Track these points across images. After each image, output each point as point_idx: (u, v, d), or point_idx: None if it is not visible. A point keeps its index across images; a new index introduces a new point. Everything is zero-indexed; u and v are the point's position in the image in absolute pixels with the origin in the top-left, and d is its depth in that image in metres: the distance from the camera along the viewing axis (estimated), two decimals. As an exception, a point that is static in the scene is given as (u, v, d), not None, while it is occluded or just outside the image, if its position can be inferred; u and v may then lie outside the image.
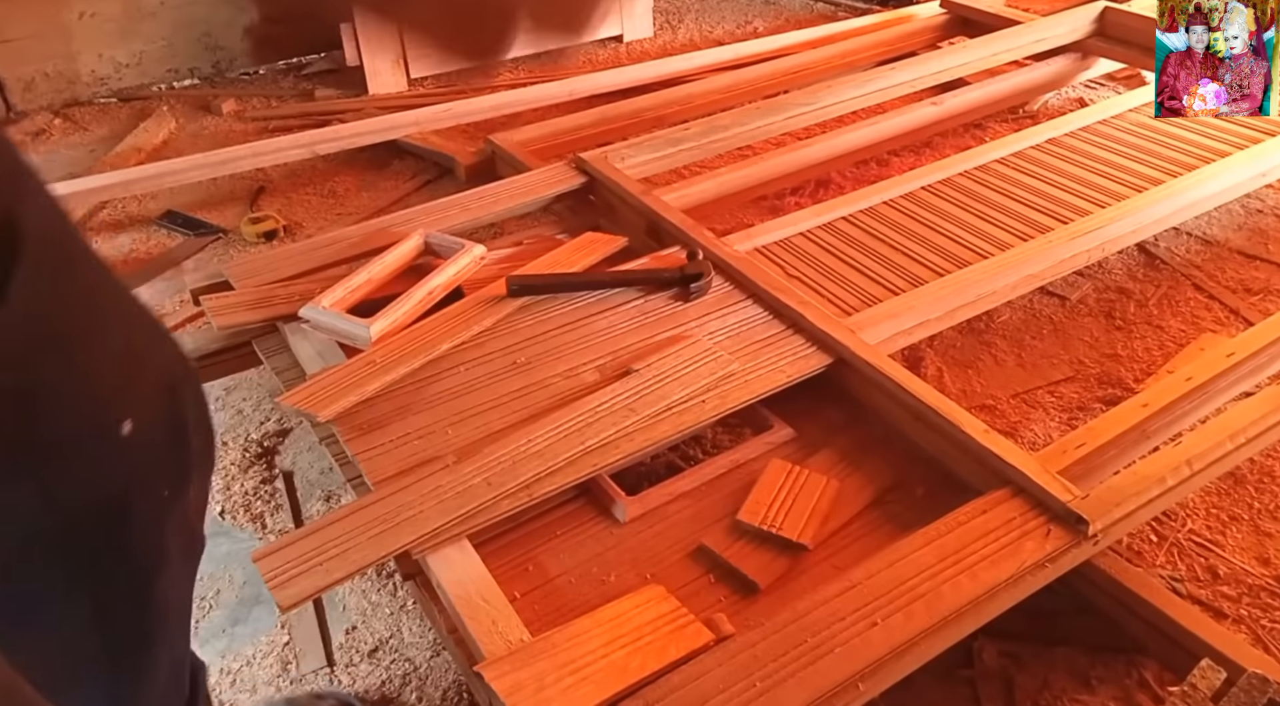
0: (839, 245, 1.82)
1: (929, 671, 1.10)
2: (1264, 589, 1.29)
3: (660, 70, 2.77)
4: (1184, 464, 1.22)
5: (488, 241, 1.83)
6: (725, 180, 2.05)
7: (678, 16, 3.46)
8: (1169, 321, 1.80)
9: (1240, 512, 1.41)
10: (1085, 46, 2.64)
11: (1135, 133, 2.18)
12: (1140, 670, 1.20)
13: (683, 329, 1.50)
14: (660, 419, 1.32)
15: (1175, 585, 1.30)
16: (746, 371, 1.41)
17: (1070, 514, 1.14)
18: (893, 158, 2.40)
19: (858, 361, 1.41)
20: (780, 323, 1.51)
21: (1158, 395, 1.40)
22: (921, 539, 1.14)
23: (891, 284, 1.70)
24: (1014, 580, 1.09)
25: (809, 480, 1.30)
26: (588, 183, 1.97)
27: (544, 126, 2.33)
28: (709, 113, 2.34)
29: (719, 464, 1.35)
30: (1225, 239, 2.03)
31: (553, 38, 3.10)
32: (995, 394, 1.65)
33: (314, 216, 2.28)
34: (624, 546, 1.24)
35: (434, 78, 2.96)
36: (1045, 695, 1.18)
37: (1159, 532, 1.38)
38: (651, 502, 1.30)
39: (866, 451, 1.37)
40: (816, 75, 2.67)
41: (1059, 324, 1.81)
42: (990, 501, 1.19)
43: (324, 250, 1.75)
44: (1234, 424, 1.28)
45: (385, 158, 2.49)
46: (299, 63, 3.08)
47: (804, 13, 3.48)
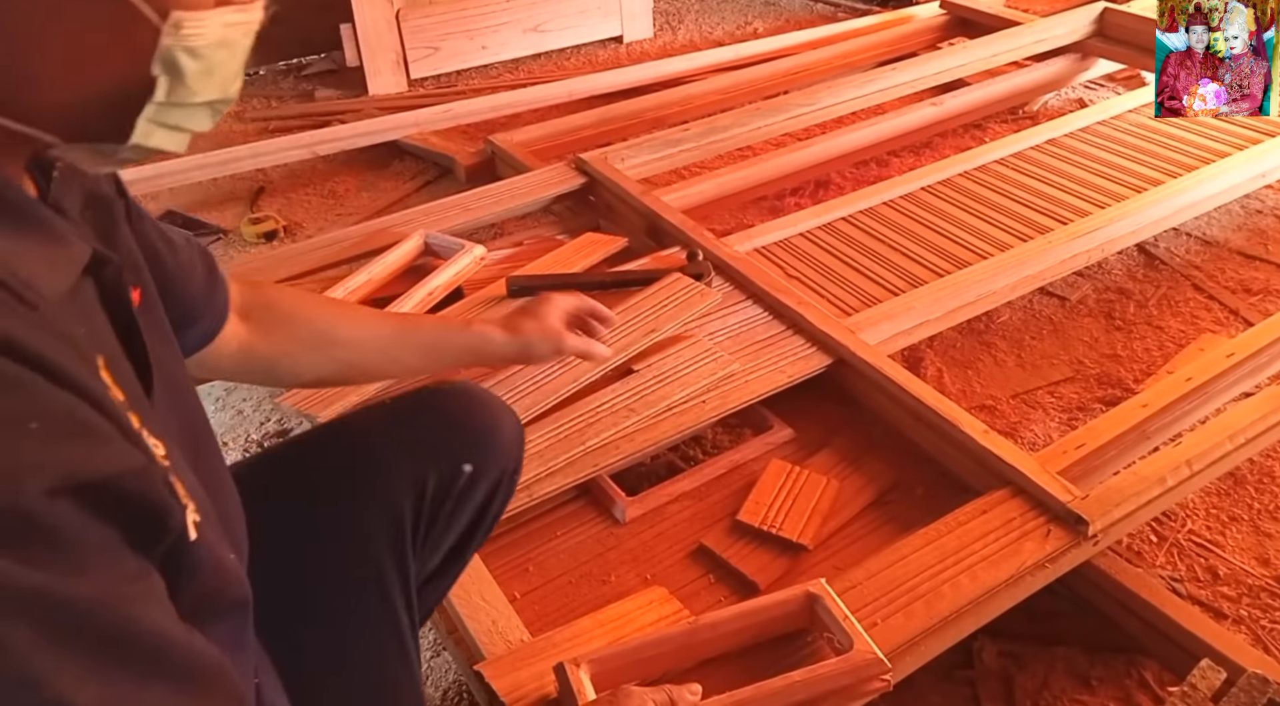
0: (839, 246, 1.82)
1: (929, 671, 1.10)
2: (1264, 589, 1.29)
3: (660, 71, 2.77)
4: (1184, 464, 1.22)
5: (488, 242, 1.83)
6: (725, 181, 2.05)
7: (678, 17, 3.46)
8: (1169, 322, 1.80)
9: (1240, 513, 1.41)
10: (1085, 47, 2.64)
11: (1135, 133, 2.18)
12: (1140, 670, 1.20)
13: (683, 329, 1.50)
14: (660, 419, 1.32)
15: (1175, 585, 1.30)
16: (746, 371, 1.41)
17: (1070, 514, 1.14)
18: (892, 158, 2.40)
19: (857, 362, 1.41)
20: (780, 323, 1.51)
21: (1158, 395, 1.40)
22: (921, 539, 1.14)
23: (891, 284, 1.70)
24: (1014, 580, 1.09)
25: (809, 480, 1.30)
26: (588, 183, 1.97)
27: (544, 127, 2.33)
28: (709, 113, 2.34)
29: (719, 464, 1.35)
30: (1225, 239, 2.03)
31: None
32: (995, 394, 1.65)
33: (314, 217, 2.28)
34: (624, 547, 1.24)
35: (434, 78, 2.96)
36: (1045, 695, 1.18)
37: (1159, 533, 1.38)
38: (651, 503, 1.30)
39: (866, 451, 1.37)
40: (816, 76, 2.67)
41: (1059, 324, 1.81)
42: (990, 501, 1.19)
43: (324, 251, 1.75)
44: (1234, 424, 1.28)
45: (385, 158, 2.49)
46: (299, 63, 3.08)
47: (804, 13, 3.48)
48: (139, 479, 0.44)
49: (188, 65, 0.47)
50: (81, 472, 0.40)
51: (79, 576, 0.40)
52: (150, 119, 0.48)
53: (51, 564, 0.39)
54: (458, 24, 2.94)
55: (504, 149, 2.20)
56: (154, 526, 0.45)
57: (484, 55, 3.01)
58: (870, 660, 0.93)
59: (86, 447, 0.41)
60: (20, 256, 0.45)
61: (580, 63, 3.11)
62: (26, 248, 0.46)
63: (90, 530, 0.41)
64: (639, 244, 1.81)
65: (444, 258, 1.71)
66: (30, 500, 0.38)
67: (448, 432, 0.84)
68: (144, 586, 0.44)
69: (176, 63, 0.47)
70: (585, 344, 1.02)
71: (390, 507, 0.78)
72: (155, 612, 0.44)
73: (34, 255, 0.46)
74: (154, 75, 0.47)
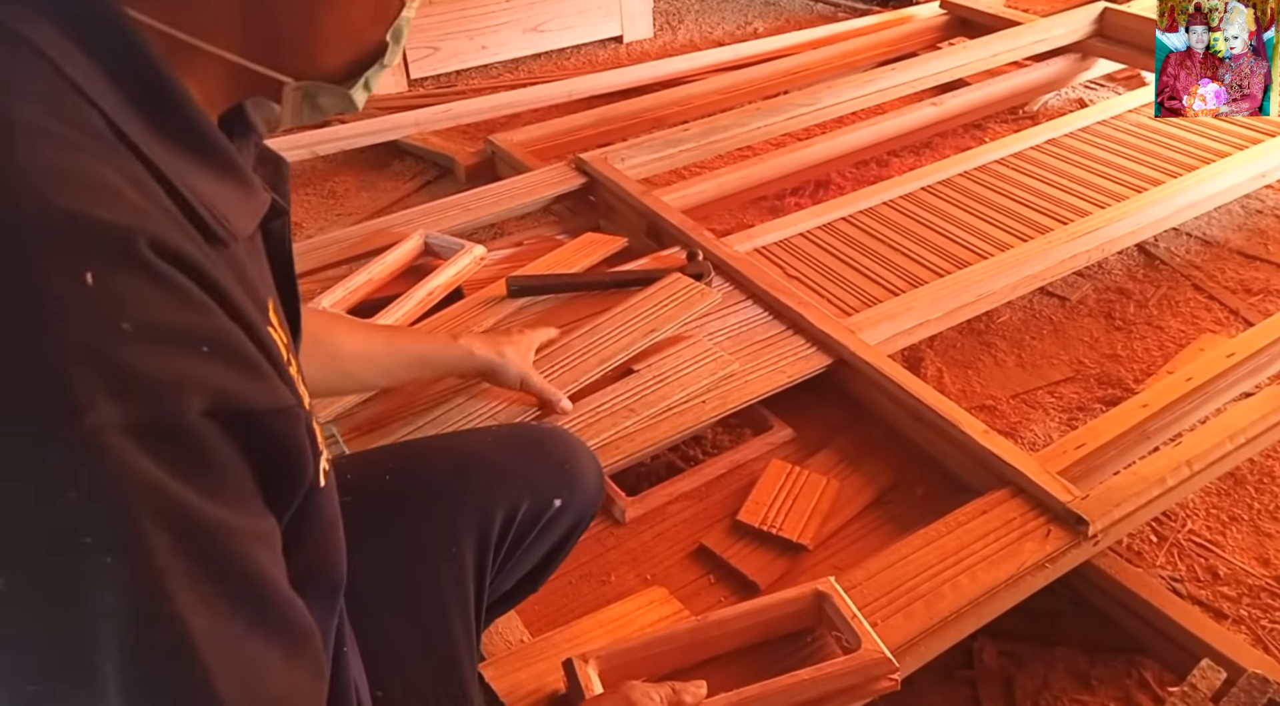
0: (839, 246, 1.82)
1: (929, 671, 1.10)
2: (1264, 589, 1.29)
3: (660, 71, 2.77)
4: (1184, 464, 1.22)
5: (488, 242, 1.83)
6: (725, 181, 2.05)
7: (678, 17, 3.46)
8: (1169, 322, 1.80)
9: (1240, 513, 1.41)
10: (1085, 47, 2.64)
11: (1135, 133, 2.18)
12: (1140, 670, 1.20)
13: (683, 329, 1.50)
14: (660, 419, 1.32)
15: (1175, 585, 1.30)
16: (746, 372, 1.41)
17: (1070, 514, 1.14)
18: (892, 158, 2.40)
19: (858, 362, 1.41)
20: (780, 323, 1.51)
21: (1158, 395, 1.40)
22: (921, 539, 1.14)
23: (891, 284, 1.70)
24: (1014, 580, 1.09)
25: (809, 480, 1.30)
26: (587, 183, 1.97)
27: (544, 127, 2.33)
28: (709, 113, 2.34)
29: (719, 464, 1.35)
30: (1225, 239, 2.03)
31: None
32: (995, 394, 1.65)
33: (314, 217, 2.28)
34: (624, 547, 1.24)
35: (434, 78, 2.96)
36: (1045, 695, 1.18)
37: (1159, 533, 1.38)
38: (651, 503, 1.30)
39: (866, 451, 1.37)
40: (816, 76, 2.67)
41: (1059, 324, 1.81)
42: (990, 502, 1.19)
43: (324, 250, 1.75)
44: (1234, 424, 1.28)
45: (385, 158, 2.49)
46: (299, 63, 3.08)
47: (804, 13, 3.48)
48: (287, 420, 0.45)
49: (403, 36, 0.55)
50: (237, 400, 0.42)
51: (219, 502, 0.41)
52: (367, 77, 0.56)
53: (199, 483, 0.40)
54: (458, 24, 2.93)
55: (504, 149, 2.20)
56: (291, 470, 0.47)
57: (484, 55, 3.01)
58: (878, 659, 0.93)
59: (247, 378, 0.43)
60: (220, 196, 0.47)
61: (580, 63, 3.10)
62: (225, 189, 0.48)
63: (233, 459, 0.42)
64: (639, 244, 1.81)
65: (444, 258, 1.70)
66: (191, 417, 0.40)
67: (546, 467, 0.90)
68: (265, 530, 0.45)
69: (401, 32, 0.55)
70: (549, 389, 1.18)
71: (482, 516, 0.83)
72: (269, 560, 0.45)
73: (231, 196, 0.49)
74: (386, 41, 0.55)
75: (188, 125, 0.47)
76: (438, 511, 0.82)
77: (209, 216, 0.46)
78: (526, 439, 0.94)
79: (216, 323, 0.42)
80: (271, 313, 0.50)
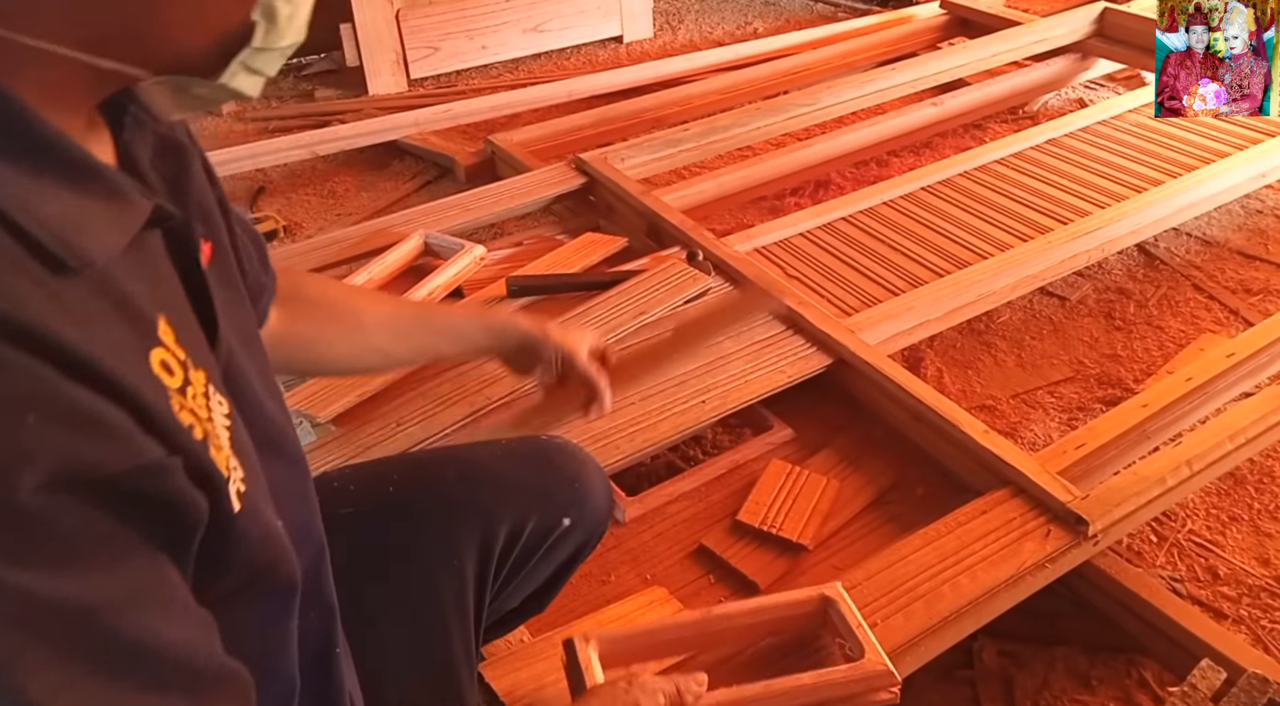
0: (839, 246, 1.82)
1: (929, 671, 1.10)
2: (1264, 589, 1.29)
3: (660, 71, 2.77)
4: (1184, 464, 1.22)
5: (488, 242, 1.83)
6: (725, 181, 2.05)
7: (678, 17, 3.46)
8: (1169, 322, 1.80)
9: (1240, 513, 1.41)
10: (1085, 47, 2.64)
11: (1135, 133, 2.18)
12: (1140, 670, 1.20)
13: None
14: (660, 419, 1.32)
15: (1175, 585, 1.30)
16: (746, 371, 1.41)
17: (1070, 514, 1.14)
18: (892, 158, 2.40)
19: (858, 362, 1.41)
20: (780, 323, 1.51)
21: (1158, 395, 1.40)
22: (921, 539, 1.14)
23: (891, 284, 1.70)
24: (1014, 580, 1.09)
25: (809, 480, 1.30)
26: (587, 183, 1.97)
27: (544, 127, 2.33)
28: (709, 113, 2.34)
29: (719, 464, 1.35)
30: (1225, 239, 2.03)
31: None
32: (995, 394, 1.65)
33: (314, 217, 2.28)
34: (624, 547, 1.24)
35: (434, 78, 2.96)
36: (1045, 695, 1.18)
37: (1159, 533, 1.38)
38: (651, 503, 1.30)
39: (866, 451, 1.37)
40: (816, 76, 2.67)
41: (1059, 324, 1.81)
42: (990, 502, 1.19)
43: (324, 250, 1.75)
44: (1234, 424, 1.28)
45: (385, 158, 2.49)
46: (299, 63, 3.08)
47: (804, 13, 3.48)
48: (154, 474, 0.42)
49: (281, 11, 0.48)
50: (82, 467, 0.38)
51: (69, 577, 0.38)
52: (241, 62, 0.49)
53: (40, 563, 0.37)
54: (458, 24, 2.93)
55: (504, 149, 2.20)
56: (172, 520, 0.43)
57: (484, 55, 3.01)
58: (881, 671, 0.93)
59: (91, 441, 0.39)
60: (72, 215, 0.42)
61: (580, 63, 3.10)
62: (82, 205, 0.43)
63: (90, 527, 0.39)
64: (639, 244, 1.81)
65: (444, 258, 1.70)
66: (22, 495, 0.36)
67: (557, 484, 0.88)
68: (149, 581, 0.42)
69: (274, 9, 0.48)
70: (598, 376, 0.97)
71: (485, 527, 0.81)
72: (154, 617, 0.42)
73: (90, 212, 0.44)
74: (252, 21, 0.48)
75: (23, 136, 0.41)
76: (439, 521, 0.81)
77: (52, 243, 0.41)
78: (535, 453, 0.91)
79: (44, 387, 0.38)
80: (162, 332, 0.45)
